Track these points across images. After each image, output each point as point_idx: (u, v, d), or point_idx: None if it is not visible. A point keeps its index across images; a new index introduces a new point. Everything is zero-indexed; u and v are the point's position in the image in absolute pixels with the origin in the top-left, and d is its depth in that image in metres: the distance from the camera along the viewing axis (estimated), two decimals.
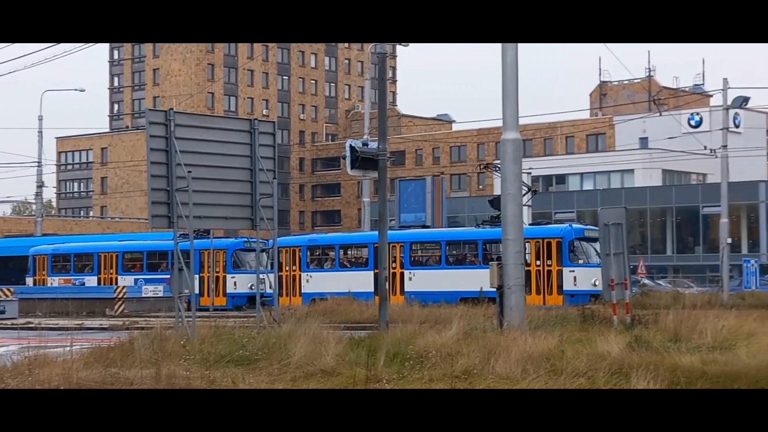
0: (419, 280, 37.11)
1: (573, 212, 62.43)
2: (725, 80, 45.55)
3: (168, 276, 41.72)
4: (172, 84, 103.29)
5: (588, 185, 69.68)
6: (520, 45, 20.29)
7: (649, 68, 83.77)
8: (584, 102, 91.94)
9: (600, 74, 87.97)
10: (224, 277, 42.53)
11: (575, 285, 34.48)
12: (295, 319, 18.74)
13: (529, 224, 37.36)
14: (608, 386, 11.83)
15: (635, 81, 77.91)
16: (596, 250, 35.53)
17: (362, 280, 37.82)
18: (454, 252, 38.46)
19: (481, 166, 41.52)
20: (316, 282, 39.61)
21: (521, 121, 22.01)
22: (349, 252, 41.47)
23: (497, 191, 21.23)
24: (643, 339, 15.21)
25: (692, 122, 68.19)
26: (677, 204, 62.24)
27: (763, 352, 13.84)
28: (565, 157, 75.54)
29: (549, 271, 34.88)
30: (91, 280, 45.09)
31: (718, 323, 16.32)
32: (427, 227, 42.06)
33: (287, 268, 40.56)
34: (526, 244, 33.80)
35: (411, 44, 59.29)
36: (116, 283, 43.33)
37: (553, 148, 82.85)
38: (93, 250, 46.96)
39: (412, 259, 38.21)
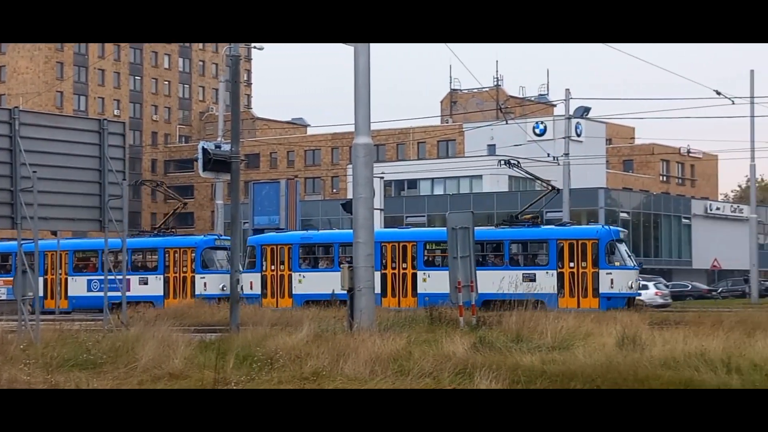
0: (435, 282, 33.49)
1: (424, 216, 63.37)
2: (567, 91, 47.23)
3: (128, 276, 39.19)
4: (18, 82, 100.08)
5: (438, 190, 70.81)
6: (374, 52, 20.59)
7: (497, 78, 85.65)
8: (435, 109, 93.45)
9: (450, 83, 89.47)
10: (192, 278, 39.41)
11: (612, 288, 33.22)
12: (144, 322, 18.53)
13: (558, 224, 37.48)
14: (452, 386, 12.12)
15: (484, 90, 79.51)
16: (628, 253, 35.47)
17: None
18: (476, 252, 36.72)
19: (502, 162, 39.97)
20: (310, 283, 36.45)
21: (374, 127, 22.33)
22: (350, 251, 38.94)
23: (351, 195, 21.48)
24: (487, 340, 15.66)
25: (537, 131, 70.15)
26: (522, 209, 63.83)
27: (598, 351, 14.40)
28: (417, 162, 76.60)
29: (584, 274, 33.37)
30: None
31: (558, 324, 16.91)
32: (281, 230, 41.77)
33: (273, 268, 37.50)
34: (560, 245, 33.75)
35: (267, 47, 59.17)
36: (65, 284, 40.54)
37: (405, 153, 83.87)
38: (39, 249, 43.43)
39: (426, 260, 36.13)
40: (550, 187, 37.42)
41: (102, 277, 39.53)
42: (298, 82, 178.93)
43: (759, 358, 13.43)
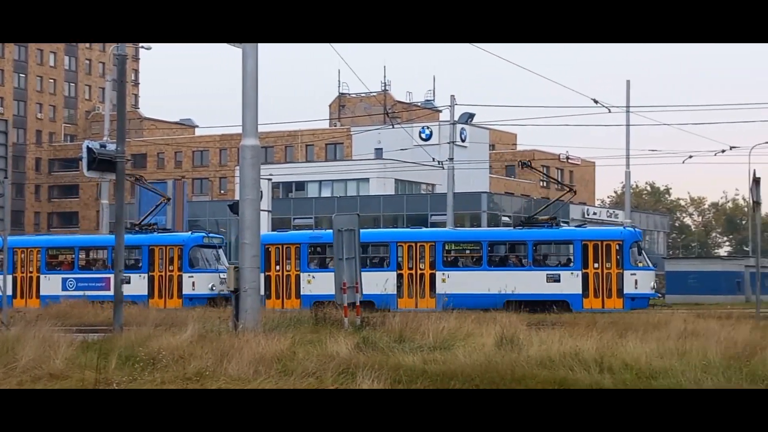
0: (454, 282, 34.41)
1: (311, 218, 63.49)
2: (452, 97, 47.85)
3: (107, 275, 35.48)
4: None
5: (326, 192, 71.10)
6: (263, 54, 20.68)
7: (384, 83, 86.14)
8: (324, 112, 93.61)
9: (339, 86, 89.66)
10: (180, 277, 37.80)
11: (636, 288, 33.78)
12: (25, 323, 18.24)
13: (576, 226, 39.34)
14: (335, 386, 12.27)
15: (372, 94, 79.99)
16: (647, 254, 36.39)
17: (382, 282, 33.82)
18: (498, 253, 36.68)
19: (520, 163, 40.70)
20: (320, 283, 34.94)
21: (263, 129, 22.38)
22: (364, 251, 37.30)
23: (238, 196, 21.50)
24: (371, 340, 15.87)
25: (423, 135, 70.98)
26: (408, 212, 64.76)
27: (477, 351, 14.73)
28: (305, 164, 76.69)
29: (608, 274, 33.84)
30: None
31: (440, 325, 17.23)
32: (168, 230, 41.33)
33: (278, 268, 36.47)
34: (585, 246, 34.16)
35: (155, 47, 58.46)
36: (37, 282, 38.70)
37: (294, 155, 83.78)
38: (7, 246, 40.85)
39: (445, 260, 35.83)
40: (567, 189, 38.48)
41: (78, 276, 38.22)
42: (186, 83, 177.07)
43: (630, 358, 13.87)
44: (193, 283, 37.79)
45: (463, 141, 68.91)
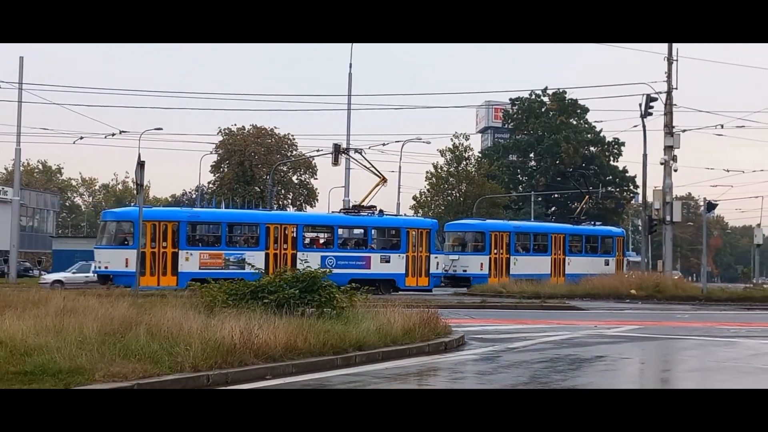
0: (574, 265, 50.83)
1: None
2: None
3: (367, 254, 40.82)
4: None
5: None
6: None
7: None
8: None
9: None
10: (427, 257, 42.57)
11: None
12: None
13: (597, 225, 56.50)
14: None
15: None
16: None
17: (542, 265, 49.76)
18: (575, 243, 52.19)
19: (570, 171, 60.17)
20: (522, 265, 48.56)
21: None
22: (558, 240, 51.43)
23: None
24: None
25: None
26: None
27: None
28: None
29: (618, 261, 53.03)
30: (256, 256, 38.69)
31: None
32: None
33: (496, 252, 48.08)
34: (617, 240, 54.25)
35: None
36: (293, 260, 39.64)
37: None
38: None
39: (570, 248, 51.70)
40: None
41: (336, 254, 40.24)
42: None
43: (5, 336, 13.70)
44: (437, 263, 43.45)
45: None
